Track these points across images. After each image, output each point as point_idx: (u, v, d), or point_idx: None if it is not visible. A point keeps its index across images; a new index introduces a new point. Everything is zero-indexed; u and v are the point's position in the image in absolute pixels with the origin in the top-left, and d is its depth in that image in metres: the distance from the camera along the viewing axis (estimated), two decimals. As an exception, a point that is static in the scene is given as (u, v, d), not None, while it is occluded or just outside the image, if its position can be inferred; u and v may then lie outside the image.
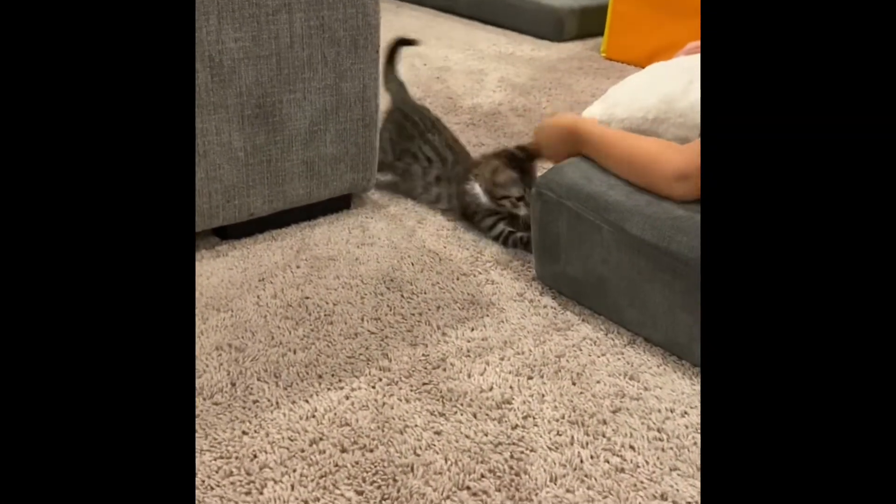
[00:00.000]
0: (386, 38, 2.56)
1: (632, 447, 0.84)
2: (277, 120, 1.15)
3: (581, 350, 1.00)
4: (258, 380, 0.92)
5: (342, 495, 0.76)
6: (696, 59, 1.10)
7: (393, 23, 2.88)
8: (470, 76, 2.20)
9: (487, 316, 1.07)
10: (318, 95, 1.18)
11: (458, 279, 1.16)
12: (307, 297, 1.09)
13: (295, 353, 0.97)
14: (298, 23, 1.10)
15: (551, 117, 1.18)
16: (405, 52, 2.44)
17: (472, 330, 1.04)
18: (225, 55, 1.06)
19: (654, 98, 1.06)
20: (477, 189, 1.27)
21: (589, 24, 2.66)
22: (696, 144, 0.93)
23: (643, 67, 2.37)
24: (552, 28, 2.63)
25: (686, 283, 0.91)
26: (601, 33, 2.53)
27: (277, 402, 0.88)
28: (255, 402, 0.88)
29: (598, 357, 0.99)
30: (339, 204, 1.35)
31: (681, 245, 0.91)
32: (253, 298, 1.08)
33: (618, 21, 2.41)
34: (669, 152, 0.95)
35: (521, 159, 1.25)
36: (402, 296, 1.11)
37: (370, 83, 1.23)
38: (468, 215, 1.31)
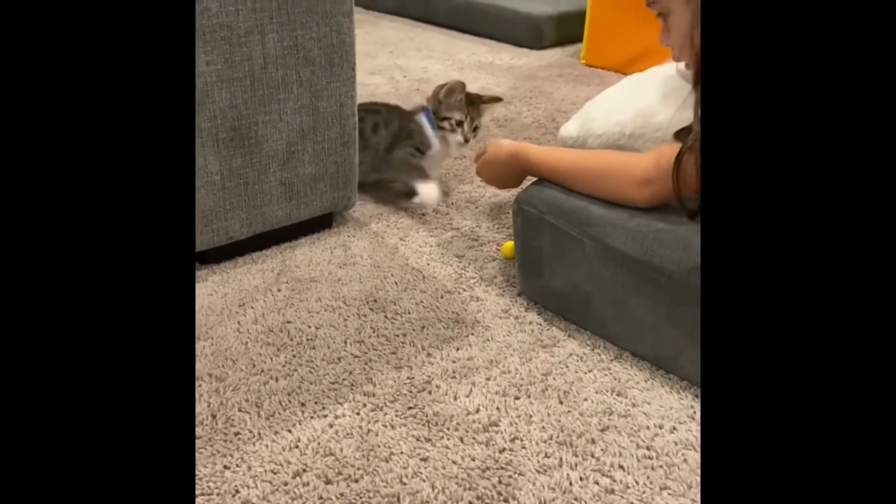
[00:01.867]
0: (365, 50, 2.54)
1: (621, 467, 0.83)
2: (254, 142, 1.14)
3: (568, 367, 0.99)
4: (240, 410, 0.90)
5: (327, 529, 0.74)
6: (669, 69, 1.09)
7: (372, 34, 2.88)
8: (450, 87, 2.19)
9: (473, 334, 1.06)
10: (295, 116, 1.17)
11: (442, 297, 1.15)
12: (289, 322, 1.07)
13: (277, 380, 0.95)
14: (271, 44, 1.09)
15: (486, 154, 1.19)
16: (385, 64, 2.44)
17: (458, 350, 1.02)
18: (197, 79, 1.04)
19: (630, 113, 1.05)
20: (423, 120, 1.41)
21: (567, 31, 2.66)
22: (660, 149, 0.94)
23: (623, 73, 2.38)
24: (531, 35, 2.63)
25: (671, 297, 0.90)
26: (580, 39, 2.53)
27: (260, 434, 0.86)
28: (236, 434, 0.86)
29: (585, 373, 0.97)
30: (320, 223, 1.33)
31: (664, 259, 0.90)
32: (233, 325, 1.06)
33: (596, 27, 2.42)
34: (633, 159, 0.97)
35: (472, 96, 1.42)
36: (386, 316, 1.09)
37: (347, 101, 1.22)
38: (393, 144, 1.41)
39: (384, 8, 3.19)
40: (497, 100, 1.49)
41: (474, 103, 1.41)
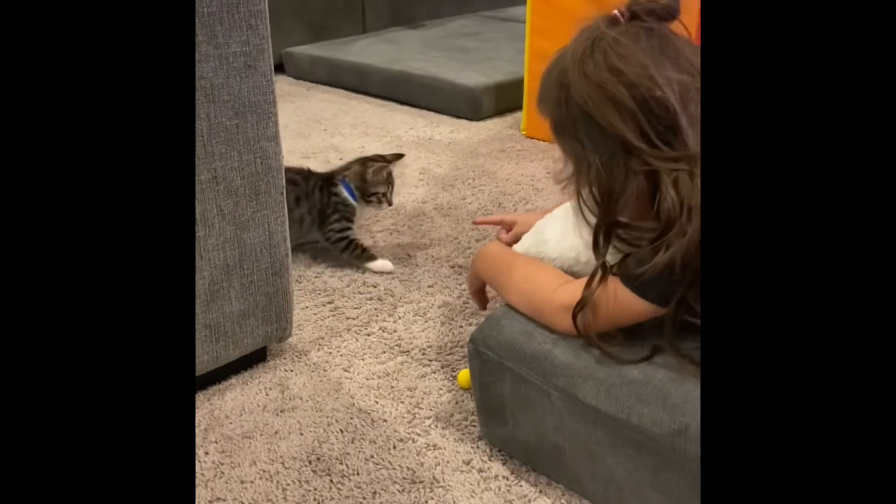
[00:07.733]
0: (297, 129, 2.43)
1: None
2: (170, 287, 1.00)
3: (542, 537, 0.87)
4: None
5: None
6: None
7: (304, 109, 2.77)
8: (389, 170, 2.09)
9: (432, 499, 0.93)
10: (217, 252, 1.04)
11: (394, 448, 1.02)
12: (219, 499, 0.93)
13: (205, 588, 0.81)
14: (185, 180, 0.96)
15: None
16: (319, 145, 2.33)
17: (416, 522, 0.90)
18: (98, 227, 0.90)
19: (581, 239, 0.97)
20: (343, 191, 1.51)
21: (505, 101, 2.61)
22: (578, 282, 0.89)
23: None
24: (469, 107, 2.57)
25: (655, 461, 0.80)
26: (519, 108, 2.48)
27: None
28: None
29: (563, 546, 0.86)
30: (254, 358, 1.19)
31: (643, 418, 0.80)
32: (153, 509, 0.91)
33: (533, 99, 2.36)
34: (563, 285, 0.92)
35: (382, 161, 1.53)
36: (332, 481, 0.96)
37: (277, 228, 1.10)
38: (322, 220, 1.50)
39: (315, 78, 3.09)
40: (399, 156, 1.57)
41: (389, 170, 1.52)
